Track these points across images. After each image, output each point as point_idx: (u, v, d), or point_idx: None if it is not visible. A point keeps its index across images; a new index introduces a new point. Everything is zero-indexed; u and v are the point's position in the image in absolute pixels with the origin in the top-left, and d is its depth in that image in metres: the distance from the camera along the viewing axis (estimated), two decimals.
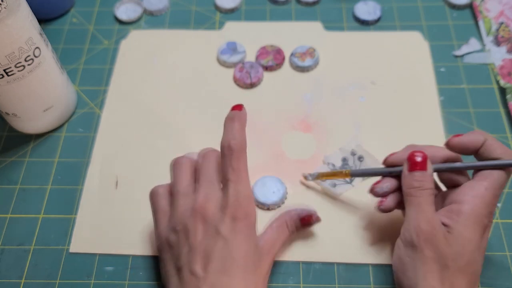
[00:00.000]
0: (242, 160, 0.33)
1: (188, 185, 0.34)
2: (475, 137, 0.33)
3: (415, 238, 0.31)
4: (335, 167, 0.42)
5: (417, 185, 0.32)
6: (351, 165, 0.42)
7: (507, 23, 0.51)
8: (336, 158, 0.43)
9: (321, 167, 0.42)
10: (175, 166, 0.36)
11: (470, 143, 0.33)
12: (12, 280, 0.38)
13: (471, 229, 0.31)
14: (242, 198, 0.32)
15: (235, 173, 0.32)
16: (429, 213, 0.31)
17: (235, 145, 0.32)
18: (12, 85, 0.39)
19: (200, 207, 0.32)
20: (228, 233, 0.31)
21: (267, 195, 0.40)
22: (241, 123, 0.34)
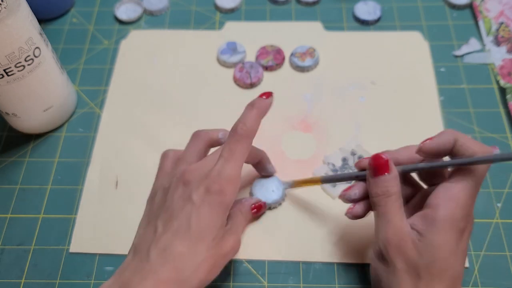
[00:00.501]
0: (242, 144, 0.32)
1: (194, 155, 0.36)
2: (445, 139, 0.31)
3: (384, 251, 0.31)
4: (335, 167, 0.42)
5: (381, 192, 0.32)
6: (351, 165, 0.42)
7: (507, 23, 0.51)
8: (336, 158, 0.43)
9: (321, 167, 0.42)
10: (192, 137, 0.38)
11: (440, 147, 0.31)
12: (12, 280, 0.38)
13: (444, 236, 0.30)
14: (224, 175, 0.31)
15: (229, 153, 0.32)
16: (396, 222, 0.31)
17: (241, 130, 0.32)
18: (12, 85, 0.39)
19: (187, 172, 0.33)
20: (197, 200, 0.31)
21: (266, 194, 0.40)
22: (260, 112, 0.33)
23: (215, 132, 0.38)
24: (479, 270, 0.37)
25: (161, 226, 0.32)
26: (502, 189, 0.41)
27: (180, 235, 0.31)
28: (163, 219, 0.32)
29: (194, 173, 0.33)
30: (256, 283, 0.37)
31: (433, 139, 0.31)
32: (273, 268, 0.38)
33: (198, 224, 0.31)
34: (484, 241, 0.39)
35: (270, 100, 0.34)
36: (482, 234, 0.39)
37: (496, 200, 0.41)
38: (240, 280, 0.38)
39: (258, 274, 0.38)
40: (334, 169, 0.42)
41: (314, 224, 0.40)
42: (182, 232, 0.31)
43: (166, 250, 0.30)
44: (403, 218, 0.31)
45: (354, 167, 0.42)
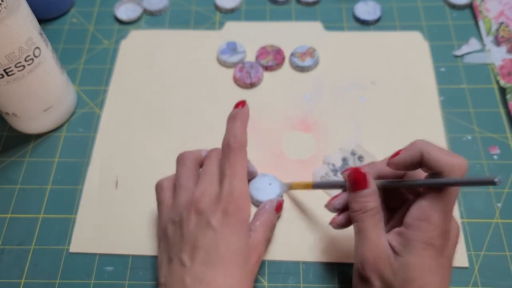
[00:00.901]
0: (240, 157, 0.33)
1: (190, 179, 0.35)
2: (411, 152, 0.30)
3: (361, 269, 0.31)
4: (335, 167, 0.42)
5: (358, 208, 0.31)
6: (351, 165, 0.42)
7: (507, 23, 0.51)
8: (336, 158, 0.43)
9: (321, 167, 0.42)
10: (179, 161, 0.37)
11: (407, 160, 0.30)
12: (12, 280, 0.38)
13: (419, 256, 0.29)
14: (236, 193, 0.32)
15: (231, 168, 0.33)
16: (374, 239, 0.30)
17: (234, 143, 0.33)
18: (12, 85, 0.39)
19: (195, 200, 0.32)
20: (218, 225, 0.31)
21: (263, 193, 0.40)
22: (242, 121, 0.34)
23: (199, 152, 0.37)
24: (479, 270, 0.37)
25: (187, 259, 0.31)
26: (502, 189, 0.41)
27: (212, 264, 0.30)
28: (187, 252, 0.31)
29: (203, 199, 0.32)
30: (256, 283, 0.37)
31: (400, 152, 0.31)
32: (273, 268, 0.38)
33: (226, 248, 0.31)
34: (484, 241, 0.39)
35: (247, 107, 0.35)
36: (482, 234, 0.39)
37: (496, 200, 0.41)
38: None
39: (258, 274, 0.38)
40: (334, 169, 0.42)
41: (314, 224, 0.40)
42: (213, 261, 0.30)
43: (203, 283, 0.30)
44: (380, 235, 0.31)
45: (354, 165, 0.42)
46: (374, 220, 0.31)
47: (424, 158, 0.30)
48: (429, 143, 0.30)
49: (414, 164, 0.30)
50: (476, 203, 0.41)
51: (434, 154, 0.29)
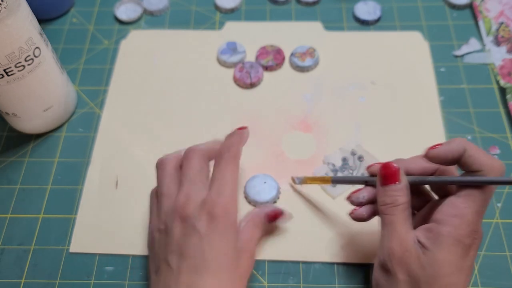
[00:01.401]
0: (231, 165, 0.33)
1: (171, 186, 0.34)
2: (454, 147, 0.30)
3: (388, 261, 0.31)
4: (335, 167, 0.42)
5: (389, 201, 0.31)
6: (351, 165, 0.42)
7: (507, 23, 0.51)
8: (336, 158, 0.43)
9: (321, 167, 0.42)
10: (159, 167, 0.36)
11: (448, 155, 0.30)
12: (12, 280, 0.38)
13: (448, 252, 0.29)
14: (224, 197, 0.31)
15: (221, 173, 0.32)
16: (402, 233, 0.30)
17: (227, 152, 0.33)
18: (12, 85, 0.39)
19: (179, 206, 0.32)
20: (203, 230, 0.30)
21: (259, 193, 0.40)
22: (240, 139, 0.34)
23: (178, 154, 0.36)
24: (479, 270, 0.37)
25: (175, 267, 0.30)
26: (502, 189, 0.41)
27: (199, 271, 0.30)
28: (174, 260, 0.31)
29: (188, 205, 0.32)
30: (256, 283, 0.37)
31: (441, 145, 0.31)
32: (273, 268, 0.38)
33: (213, 253, 0.30)
34: (484, 241, 0.39)
35: (247, 131, 0.36)
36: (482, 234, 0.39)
37: (496, 200, 0.41)
38: None
39: (258, 274, 0.38)
40: (334, 169, 0.42)
41: (314, 224, 0.40)
42: (200, 267, 0.30)
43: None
44: (409, 230, 0.31)
45: (353, 167, 0.42)
46: (404, 214, 0.31)
47: (466, 154, 0.30)
48: (470, 142, 0.30)
49: (452, 159, 0.30)
50: None
51: (476, 152, 0.30)
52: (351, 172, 0.42)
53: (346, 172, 0.42)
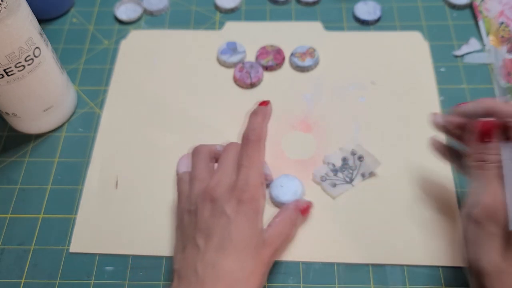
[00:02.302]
0: (257, 149, 0.34)
1: (204, 171, 0.36)
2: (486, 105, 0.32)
3: (480, 214, 0.30)
4: (335, 167, 0.42)
5: (487, 158, 0.31)
6: (351, 165, 0.42)
7: (507, 23, 0.51)
8: (336, 158, 0.43)
9: (322, 167, 0.42)
10: (194, 154, 0.38)
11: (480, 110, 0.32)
12: (12, 280, 0.38)
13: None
14: (251, 183, 0.33)
15: (248, 159, 0.34)
16: (497, 188, 0.30)
17: (252, 136, 0.35)
18: (12, 85, 0.39)
19: (210, 189, 0.33)
20: (231, 213, 0.32)
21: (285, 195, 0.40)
22: (264, 117, 0.36)
23: (213, 146, 0.39)
24: None
25: (202, 246, 0.32)
26: None
27: (225, 250, 0.31)
28: (201, 238, 0.32)
29: (218, 188, 0.33)
30: None
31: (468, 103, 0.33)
32: (273, 268, 0.38)
33: (239, 235, 0.31)
34: None
35: (270, 106, 0.37)
36: None
37: None
38: None
39: None
40: (334, 169, 0.42)
41: (314, 224, 0.40)
42: (225, 247, 0.31)
43: (215, 267, 0.30)
44: (502, 186, 0.31)
45: (353, 167, 0.42)
46: (498, 171, 0.31)
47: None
48: None
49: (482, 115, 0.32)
50: None
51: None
52: (351, 172, 0.42)
53: (346, 172, 0.42)
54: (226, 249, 0.31)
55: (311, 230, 0.39)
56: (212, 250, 0.31)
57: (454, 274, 0.37)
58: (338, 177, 0.42)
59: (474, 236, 0.31)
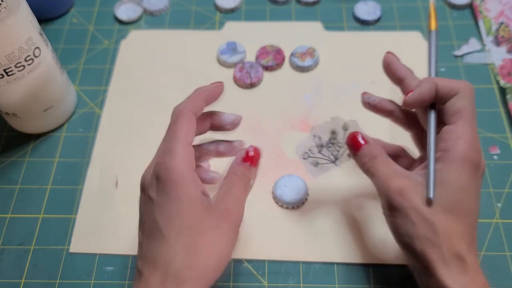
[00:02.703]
0: (180, 123, 0.31)
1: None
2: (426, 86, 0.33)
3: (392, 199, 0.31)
4: (321, 141, 0.37)
5: (367, 159, 0.33)
6: (339, 141, 0.37)
7: (507, 23, 0.51)
8: (324, 129, 0.37)
9: (307, 139, 0.38)
10: None
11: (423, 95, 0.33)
12: (12, 280, 0.38)
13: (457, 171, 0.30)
14: (168, 157, 0.30)
15: (168, 133, 0.32)
16: (392, 171, 0.32)
17: (176, 110, 0.33)
18: (12, 85, 0.39)
19: (141, 179, 0.32)
20: (155, 195, 0.30)
21: (289, 193, 0.40)
22: (199, 94, 0.34)
23: None
24: None
25: (140, 237, 0.31)
26: (502, 189, 0.41)
27: (153, 237, 0.29)
28: (140, 230, 0.31)
29: (146, 175, 0.32)
30: (256, 283, 0.37)
31: (415, 91, 0.33)
32: (273, 268, 0.38)
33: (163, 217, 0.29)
34: (484, 241, 0.39)
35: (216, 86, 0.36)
36: (482, 234, 0.39)
37: (496, 200, 0.41)
38: (240, 280, 0.38)
39: (258, 274, 0.38)
40: (320, 144, 0.38)
41: (314, 224, 0.40)
42: (153, 233, 0.29)
43: (147, 257, 0.29)
44: (397, 168, 0.32)
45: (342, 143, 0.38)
46: (385, 159, 0.33)
47: (439, 85, 0.32)
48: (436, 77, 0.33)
49: (429, 98, 0.33)
50: None
51: (446, 80, 0.33)
52: (338, 150, 0.37)
53: (332, 148, 0.37)
54: (154, 235, 0.29)
55: (311, 230, 0.39)
56: (145, 239, 0.30)
57: None
58: (323, 155, 0.37)
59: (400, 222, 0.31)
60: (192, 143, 0.32)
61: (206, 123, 0.36)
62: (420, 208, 0.30)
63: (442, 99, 0.33)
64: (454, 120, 0.32)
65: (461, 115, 0.31)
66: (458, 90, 0.32)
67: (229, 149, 0.36)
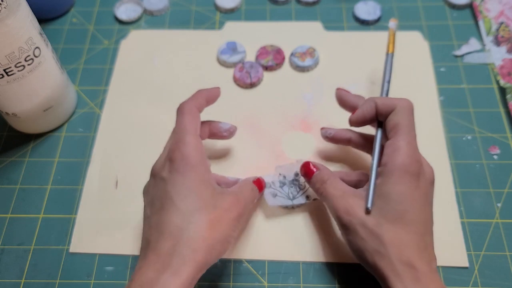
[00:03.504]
0: (187, 116, 0.35)
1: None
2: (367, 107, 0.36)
3: (342, 219, 0.33)
4: (285, 179, 0.40)
5: (318, 185, 0.36)
6: (301, 183, 0.40)
7: (507, 23, 0.51)
8: (289, 170, 0.40)
9: (272, 175, 0.40)
10: None
11: (366, 114, 0.36)
12: (12, 280, 0.38)
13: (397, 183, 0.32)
14: (181, 143, 0.33)
15: (177, 125, 0.35)
16: (339, 193, 0.34)
17: (181, 106, 0.36)
18: (12, 85, 0.39)
19: (152, 169, 0.35)
20: (166, 175, 0.32)
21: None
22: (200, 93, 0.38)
23: None
24: (479, 270, 0.37)
25: (148, 213, 0.32)
26: (502, 189, 0.41)
27: (165, 209, 0.31)
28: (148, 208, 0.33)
29: (157, 164, 0.34)
30: (256, 283, 0.37)
31: (357, 110, 0.37)
32: (273, 268, 0.38)
33: (176, 190, 0.31)
34: (484, 241, 0.39)
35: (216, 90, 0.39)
36: (482, 234, 0.39)
37: (496, 200, 0.41)
38: (240, 280, 0.38)
39: (258, 274, 0.38)
40: (283, 182, 0.40)
41: (314, 224, 0.40)
42: (165, 205, 0.31)
43: (157, 226, 0.31)
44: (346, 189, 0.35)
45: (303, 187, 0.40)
46: (335, 182, 0.35)
47: (378, 104, 0.36)
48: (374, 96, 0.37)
49: (371, 116, 0.36)
50: (476, 203, 0.41)
51: (385, 99, 0.36)
52: (298, 190, 0.40)
53: (293, 189, 0.40)
54: (166, 207, 0.31)
55: (311, 230, 0.39)
56: (155, 213, 0.31)
57: (454, 272, 0.37)
58: (283, 191, 0.40)
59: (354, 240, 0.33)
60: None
61: (205, 130, 0.39)
62: (366, 223, 0.32)
63: (383, 116, 0.36)
64: (392, 134, 0.34)
65: (398, 129, 0.34)
66: (395, 106, 0.35)
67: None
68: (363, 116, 0.36)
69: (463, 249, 0.38)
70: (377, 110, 0.36)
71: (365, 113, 0.36)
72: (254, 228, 0.40)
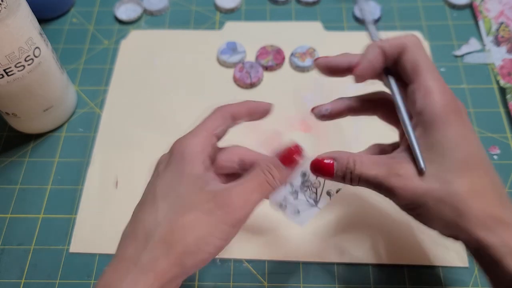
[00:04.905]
0: (214, 116, 0.32)
1: None
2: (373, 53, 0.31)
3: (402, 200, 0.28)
4: (294, 187, 0.34)
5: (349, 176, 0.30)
6: (312, 180, 0.33)
7: (507, 23, 0.51)
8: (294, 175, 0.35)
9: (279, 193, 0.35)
10: None
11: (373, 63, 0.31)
12: (12, 280, 0.38)
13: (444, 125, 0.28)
14: (188, 134, 0.31)
15: (198, 126, 0.32)
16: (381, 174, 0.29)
17: (217, 106, 0.33)
18: (12, 85, 0.39)
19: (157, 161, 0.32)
20: (162, 168, 0.31)
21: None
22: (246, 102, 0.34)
23: None
24: (479, 270, 0.37)
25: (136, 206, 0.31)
26: None
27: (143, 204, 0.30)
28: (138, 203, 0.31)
29: (161, 156, 0.32)
30: (256, 283, 0.37)
31: (361, 61, 0.31)
32: (273, 268, 0.38)
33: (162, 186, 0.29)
34: None
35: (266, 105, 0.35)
36: None
37: None
38: (240, 280, 0.38)
39: (258, 274, 0.38)
40: (294, 191, 0.34)
41: (314, 225, 0.40)
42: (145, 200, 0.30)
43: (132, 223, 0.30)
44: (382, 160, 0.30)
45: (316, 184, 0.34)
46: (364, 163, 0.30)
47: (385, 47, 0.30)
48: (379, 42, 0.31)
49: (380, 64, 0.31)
50: None
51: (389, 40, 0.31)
52: (315, 190, 0.33)
53: (308, 191, 0.33)
54: (147, 202, 0.29)
55: (311, 231, 0.39)
56: (137, 207, 0.30)
57: (454, 272, 0.37)
58: (300, 200, 0.33)
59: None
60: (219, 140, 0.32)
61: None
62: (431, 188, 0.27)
63: (390, 60, 0.31)
64: (414, 76, 0.29)
65: (419, 69, 0.29)
66: (405, 45, 0.30)
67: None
68: (371, 66, 0.31)
69: (463, 249, 0.38)
70: (385, 55, 0.31)
71: (372, 61, 0.31)
72: (254, 228, 0.40)
